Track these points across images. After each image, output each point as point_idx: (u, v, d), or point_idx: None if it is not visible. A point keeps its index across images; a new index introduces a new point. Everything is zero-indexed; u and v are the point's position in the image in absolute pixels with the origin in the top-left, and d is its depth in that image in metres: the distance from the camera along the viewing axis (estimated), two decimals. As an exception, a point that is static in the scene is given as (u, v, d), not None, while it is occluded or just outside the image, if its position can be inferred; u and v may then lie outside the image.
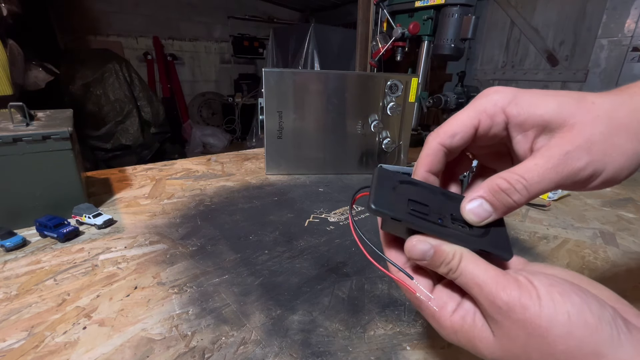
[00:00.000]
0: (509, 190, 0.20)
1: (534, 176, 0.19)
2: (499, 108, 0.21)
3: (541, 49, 1.75)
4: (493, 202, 0.21)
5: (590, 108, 0.20)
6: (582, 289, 0.18)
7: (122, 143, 2.75)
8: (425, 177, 0.24)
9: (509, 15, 1.84)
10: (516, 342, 0.18)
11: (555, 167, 0.19)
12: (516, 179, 0.20)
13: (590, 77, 1.60)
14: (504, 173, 0.20)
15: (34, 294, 0.39)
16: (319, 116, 0.78)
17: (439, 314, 0.21)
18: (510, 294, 0.18)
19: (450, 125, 0.22)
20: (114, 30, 3.35)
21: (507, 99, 0.21)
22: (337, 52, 3.02)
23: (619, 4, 1.46)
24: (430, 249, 0.21)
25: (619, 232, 0.57)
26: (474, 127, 0.22)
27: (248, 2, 4.05)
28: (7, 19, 1.47)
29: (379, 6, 1.18)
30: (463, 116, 0.22)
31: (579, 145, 0.19)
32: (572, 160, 0.19)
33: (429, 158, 0.23)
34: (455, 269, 0.20)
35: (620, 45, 1.49)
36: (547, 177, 0.19)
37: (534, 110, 0.20)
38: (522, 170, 0.20)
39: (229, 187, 0.72)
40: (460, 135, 0.22)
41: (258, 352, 0.31)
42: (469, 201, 0.21)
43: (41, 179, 0.52)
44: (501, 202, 0.20)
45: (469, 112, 0.22)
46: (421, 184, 0.23)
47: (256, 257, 0.47)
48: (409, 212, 0.21)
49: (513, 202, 0.20)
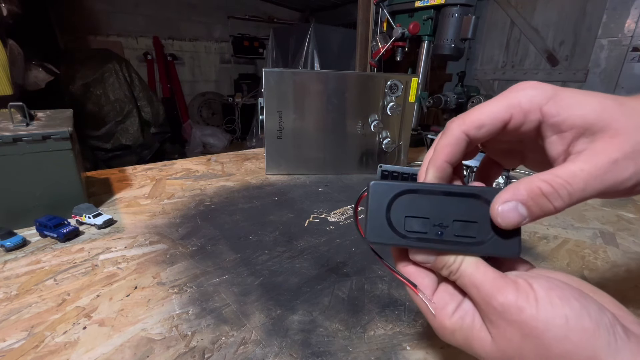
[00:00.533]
0: (552, 196, 0.18)
1: (579, 182, 0.18)
2: (535, 105, 0.19)
3: (541, 49, 1.75)
4: (530, 207, 0.19)
5: (632, 113, 0.18)
6: (583, 294, 0.17)
7: (122, 143, 2.75)
8: (443, 168, 0.22)
9: (509, 15, 1.84)
10: (511, 343, 0.18)
11: (602, 175, 0.18)
12: (561, 184, 0.18)
13: (590, 77, 1.60)
14: (545, 175, 0.18)
15: (34, 294, 0.39)
16: (319, 116, 0.78)
17: (440, 314, 0.21)
18: (507, 296, 0.18)
19: (478, 114, 0.20)
20: (114, 30, 3.35)
21: (545, 95, 0.19)
22: (337, 52, 3.03)
23: (619, 4, 1.46)
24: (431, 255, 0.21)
25: (619, 232, 0.57)
26: (504, 121, 0.20)
27: (248, 2, 4.05)
28: (7, 19, 1.47)
29: (379, 6, 1.18)
30: (494, 107, 0.20)
31: (626, 153, 0.17)
32: (620, 169, 0.17)
33: (450, 148, 0.21)
34: (455, 271, 0.20)
35: (620, 45, 1.49)
36: (592, 186, 0.18)
37: (574, 110, 0.19)
38: (567, 174, 0.18)
39: (229, 187, 0.72)
40: (488, 128, 0.20)
41: (258, 352, 0.31)
42: (503, 202, 0.19)
43: (41, 179, 0.52)
44: (540, 207, 0.18)
45: (500, 103, 0.20)
46: (421, 188, 0.21)
47: (256, 257, 0.47)
48: (406, 235, 0.21)
49: (553, 208, 0.18)
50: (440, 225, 0.21)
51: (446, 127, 0.22)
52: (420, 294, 0.22)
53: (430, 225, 0.21)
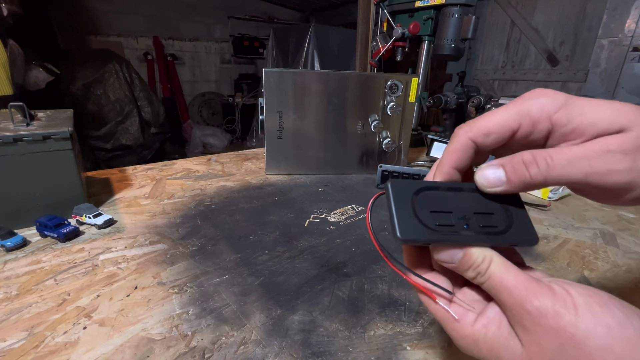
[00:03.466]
0: (530, 164, 0.18)
1: (562, 159, 0.18)
2: (545, 114, 0.19)
3: (541, 49, 1.74)
4: (508, 171, 0.19)
5: None
6: (623, 303, 0.16)
7: (123, 143, 2.75)
8: (450, 174, 0.22)
9: (509, 15, 1.84)
10: (546, 352, 0.16)
11: (590, 159, 0.17)
12: (543, 156, 0.18)
13: (590, 77, 1.60)
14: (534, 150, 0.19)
15: (34, 294, 0.39)
16: (319, 116, 0.78)
17: (460, 322, 0.20)
18: (543, 300, 0.17)
19: (486, 121, 0.20)
20: (115, 30, 3.35)
21: (556, 104, 0.19)
22: (337, 52, 3.03)
23: (619, 4, 1.46)
24: (458, 251, 0.20)
25: (620, 232, 0.57)
26: (512, 130, 0.20)
27: (248, 2, 4.05)
28: (7, 19, 1.47)
29: (379, 6, 1.18)
30: (503, 115, 0.20)
31: (625, 149, 0.17)
32: (614, 160, 0.17)
33: (457, 154, 0.21)
34: (484, 272, 0.19)
35: (621, 45, 1.49)
36: (577, 165, 0.17)
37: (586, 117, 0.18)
38: (553, 150, 0.18)
39: (229, 187, 0.72)
40: (495, 136, 0.20)
41: (258, 352, 0.31)
42: (488, 166, 0.20)
43: (41, 179, 0.52)
44: (516, 173, 0.19)
45: (510, 112, 0.20)
46: (437, 185, 0.22)
47: (256, 257, 0.47)
48: (436, 230, 0.20)
49: (529, 176, 0.18)
50: (464, 218, 0.21)
51: (454, 133, 0.22)
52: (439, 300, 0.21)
53: (455, 218, 0.21)
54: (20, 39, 1.50)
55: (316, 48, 2.88)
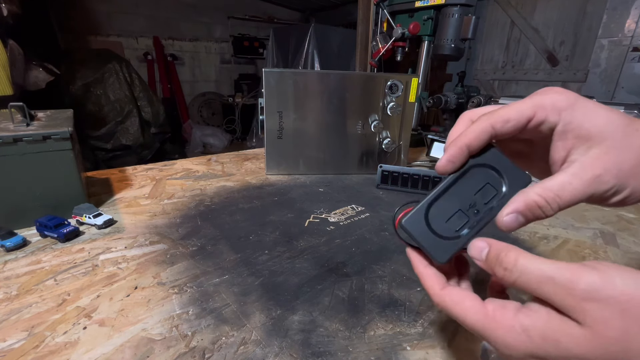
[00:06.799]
0: (544, 207, 0.21)
1: (567, 195, 0.21)
2: (556, 108, 0.22)
3: (541, 49, 1.75)
4: (527, 215, 0.22)
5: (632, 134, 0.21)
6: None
7: (122, 143, 2.75)
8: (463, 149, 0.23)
9: (509, 15, 1.84)
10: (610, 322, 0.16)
11: (584, 189, 0.21)
12: (552, 197, 0.21)
13: (590, 77, 1.60)
14: (539, 189, 0.21)
15: (34, 294, 0.39)
16: (319, 116, 0.78)
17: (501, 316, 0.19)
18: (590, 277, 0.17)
19: (506, 111, 0.23)
20: (114, 30, 3.35)
21: (567, 102, 0.21)
22: (337, 52, 3.02)
23: (619, 4, 1.46)
24: (485, 246, 0.21)
25: (620, 232, 0.57)
26: (528, 118, 0.22)
27: (248, 2, 4.05)
28: (7, 19, 1.47)
29: (379, 6, 1.18)
30: (520, 106, 0.22)
31: (609, 169, 0.20)
32: (601, 183, 0.20)
33: (475, 133, 0.23)
34: (511, 267, 0.19)
35: (621, 45, 1.49)
36: (577, 197, 0.21)
37: (583, 122, 0.21)
38: (557, 188, 0.21)
39: (229, 187, 0.72)
40: (514, 122, 0.22)
41: (258, 352, 0.31)
42: (507, 215, 0.22)
43: (41, 179, 0.52)
44: (534, 215, 0.22)
45: (526, 103, 0.22)
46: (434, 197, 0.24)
47: (256, 257, 0.47)
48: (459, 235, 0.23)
49: (544, 216, 0.21)
50: (471, 205, 0.23)
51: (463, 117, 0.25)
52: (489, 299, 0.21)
53: (466, 212, 0.23)
54: (20, 39, 1.50)
55: (316, 48, 2.88)
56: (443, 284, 0.23)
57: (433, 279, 0.23)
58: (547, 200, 0.21)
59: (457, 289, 0.22)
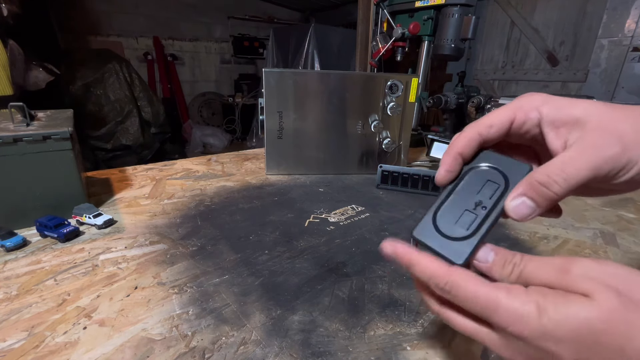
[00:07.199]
0: (549, 183, 0.21)
1: (571, 169, 0.20)
2: (533, 106, 0.23)
3: (541, 49, 1.75)
4: (534, 197, 0.21)
5: (617, 107, 0.21)
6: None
7: (123, 143, 2.75)
8: (456, 157, 0.25)
9: (509, 15, 1.84)
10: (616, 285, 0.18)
11: (588, 159, 0.20)
12: (554, 171, 0.21)
13: (590, 77, 1.60)
14: (541, 168, 0.21)
15: (34, 294, 0.39)
16: (319, 116, 0.78)
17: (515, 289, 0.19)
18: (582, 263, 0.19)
19: (489, 117, 0.24)
20: (114, 30, 3.35)
21: (542, 99, 0.23)
22: (337, 52, 3.03)
23: (619, 4, 1.46)
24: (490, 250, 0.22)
25: (620, 232, 0.57)
26: (510, 120, 0.24)
27: (248, 2, 4.05)
28: (7, 19, 1.47)
29: (379, 6, 1.18)
30: (501, 111, 0.24)
31: (609, 134, 0.20)
32: (604, 148, 0.20)
33: (465, 141, 0.24)
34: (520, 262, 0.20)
35: (621, 45, 1.49)
36: (584, 167, 0.20)
37: (565, 109, 0.22)
38: (559, 163, 0.21)
39: (229, 187, 0.72)
40: (497, 126, 0.24)
41: (258, 352, 0.31)
42: (512, 199, 0.22)
43: (41, 179, 0.52)
44: (542, 195, 0.21)
45: (506, 108, 0.24)
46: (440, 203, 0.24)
47: (256, 257, 0.47)
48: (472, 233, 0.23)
49: (554, 194, 0.21)
50: (477, 204, 0.24)
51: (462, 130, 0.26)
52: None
53: (472, 210, 0.23)
54: (20, 39, 1.50)
55: (316, 48, 2.88)
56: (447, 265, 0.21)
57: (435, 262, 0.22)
58: (549, 175, 0.21)
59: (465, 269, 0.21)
